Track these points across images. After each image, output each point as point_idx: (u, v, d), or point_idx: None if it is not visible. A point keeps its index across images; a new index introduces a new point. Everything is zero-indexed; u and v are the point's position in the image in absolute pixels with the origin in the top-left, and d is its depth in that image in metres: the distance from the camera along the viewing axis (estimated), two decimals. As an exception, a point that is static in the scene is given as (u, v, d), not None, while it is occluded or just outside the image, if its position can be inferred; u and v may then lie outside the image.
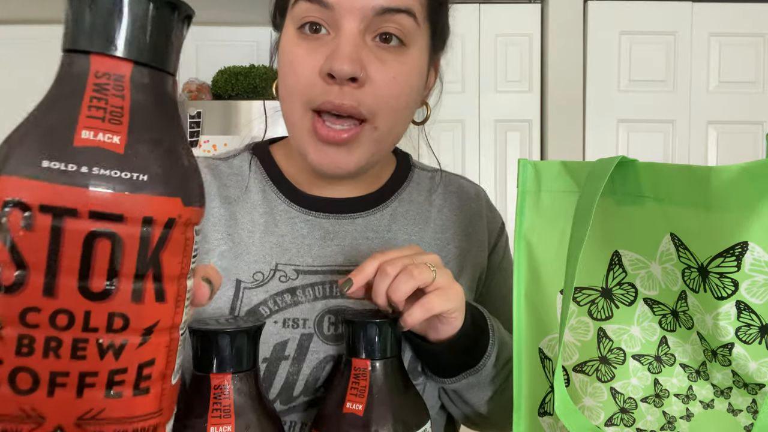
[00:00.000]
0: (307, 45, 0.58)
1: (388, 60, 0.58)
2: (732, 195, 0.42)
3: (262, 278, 0.63)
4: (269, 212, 0.66)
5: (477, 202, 0.74)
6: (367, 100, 0.57)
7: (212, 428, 0.47)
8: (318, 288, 0.64)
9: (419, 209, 0.71)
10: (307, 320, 0.62)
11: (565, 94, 2.42)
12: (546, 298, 0.54)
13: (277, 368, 0.61)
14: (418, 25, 0.59)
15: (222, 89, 2.70)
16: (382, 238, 0.67)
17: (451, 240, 0.70)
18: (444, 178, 0.76)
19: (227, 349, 0.49)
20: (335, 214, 0.67)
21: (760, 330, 0.43)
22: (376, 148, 0.61)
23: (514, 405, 0.55)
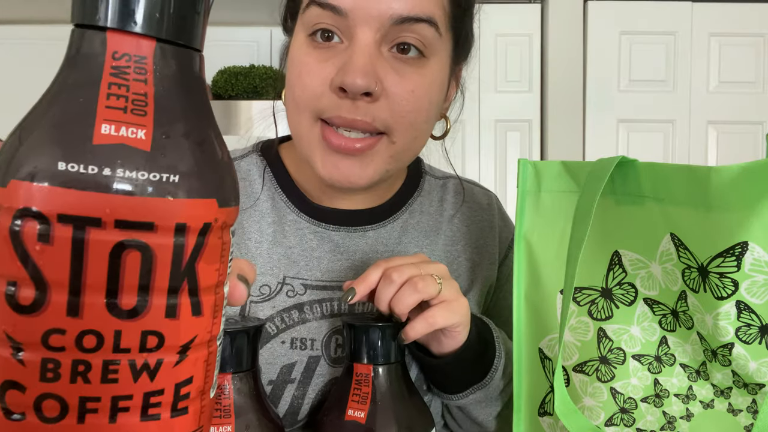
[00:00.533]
0: (318, 54, 0.54)
1: (406, 72, 0.53)
2: (732, 195, 0.42)
3: (269, 291, 0.61)
4: (278, 222, 0.63)
5: (489, 212, 0.71)
6: (382, 114, 0.53)
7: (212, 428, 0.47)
8: (326, 305, 0.61)
9: (430, 220, 0.68)
10: (314, 341, 0.60)
11: (565, 94, 2.42)
12: (546, 298, 0.54)
13: (282, 391, 0.60)
14: (440, 35, 0.55)
15: (222, 89, 2.70)
16: (392, 251, 0.65)
17: (462, 252, 0.68)
18: (455, 186, 0.72)
19: (227, 349, 0.49)
20: (346, 227, 0.64)
21: (760, 330, 0.43)
22: (393, 164, 0.57)
23: (514, 405, 0.55)
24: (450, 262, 0.67)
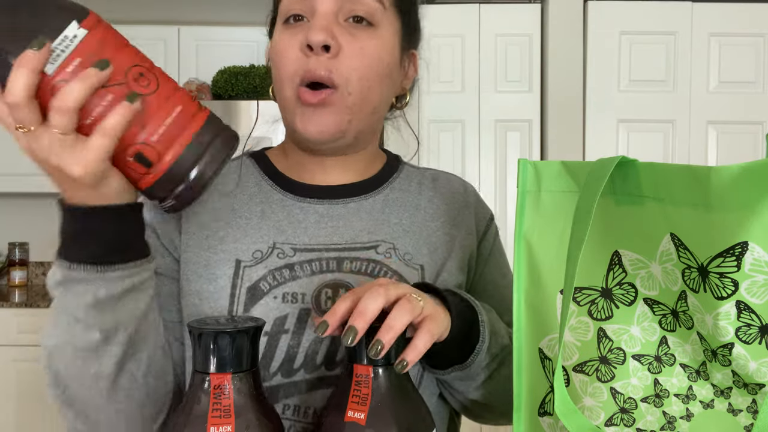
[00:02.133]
0: (291, 31, 0.66)
1: (358, 34, 0.65)
2: (732, 195, 0.41)
3: (261, 256, 0.67)
4: (265, 202, 0.70)
5: (465, 195, 0.78)
6: (339, 67, 0.64)
7: (212, 428, 0.47)
8: (315, 264, 0.67)
9: (410, 197, 0.75)
10: (305, 294, 0.65)
11: (565, 94, 2.42)
12: (546, 298, 0.54)
13: (277, 342, 0.64)
14: (385, 8, 0.67)
15: (222, 89, 2.70)
16: (375, 219, 0.71)
17: (441, 227, 0.73)
18: (433, 173, 0.80)
19: (227, 350, 0.49)
20: (329, 200, 0.71)
21: (760, 330, 0.43)
22: (353, 114, 0.66)
23: (514, 405, 0.55)
24: (429, 235, 0.72)
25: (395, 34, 0.70)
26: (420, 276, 0.69)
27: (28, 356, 2.72)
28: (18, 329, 2.73)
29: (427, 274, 0.69)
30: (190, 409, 0.49)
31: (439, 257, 0.71)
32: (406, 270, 0.68)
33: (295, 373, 0.64)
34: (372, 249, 0.69)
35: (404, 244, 0.70)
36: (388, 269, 0.68)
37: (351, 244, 0.68)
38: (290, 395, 0.64)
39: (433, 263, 0.70)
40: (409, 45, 0.74)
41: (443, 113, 2.46)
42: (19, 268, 3.21)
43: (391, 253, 0.69)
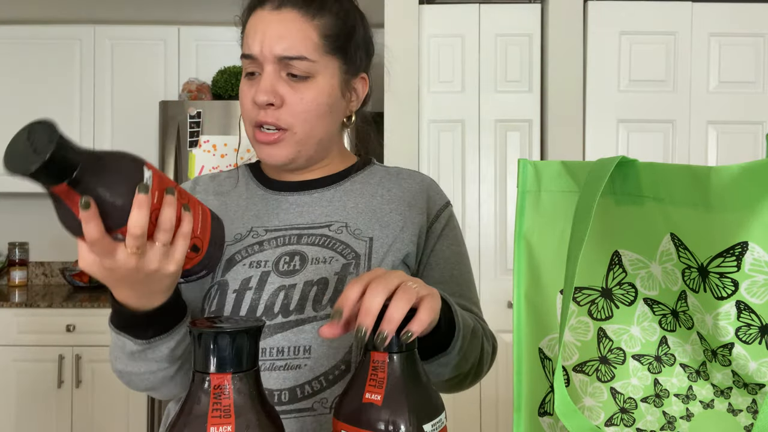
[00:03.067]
0: (248, 83, 0.84)
1: (297, 86, 0.81)
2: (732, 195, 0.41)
3: (240, 237, 0.86)
4: (250, 197, 0.91)
5: (421, 185, 0.92)
6: (283, 116, 0.81)
7: (212, 428, 0.47)
8: (280, 239, 0.85)
9: (369, 187, 0.90)
10: (267, 261, 0.83)
11: (565, 94, 2.42)
12: (546, 298, 0.54)
13: (243, 296, 0.81)
14: (316, 62, 0.81)
15: (222, 89, 2.70)
16: (333, 205, 0.87)
17: (395, 209, 0.88)
18: (398, 170, 0.95)
19: (227, 350, 0.49)
20: (298, 192, 0.89)
21: (760, 330, 0.43)
22: (300, 147, 0.84)
23: (514, 405, 0.55)
24: (383, 215, 0.87)
25: (333, 77, 0.84)
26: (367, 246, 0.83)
27: (28, 356, 2.72)
28: (18, 329, 2.73)
29: (377, 244, 0.84)
30: (190, 409, 0.49)
31: (391, 231, 0.86)
32: (354, 242, 0.84)
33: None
34: (326, 227, 0.85)
35: (356, 222, 0.86)
36: (337, 241, 0.84)
37: (310, 224, 0.86)
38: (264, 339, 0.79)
39: (383, 236, 0.85)
40: (353, 75, 0.88)
41: (443, 113, 2.46)
42: (19, 268, 3.21)
43: (342, 229, 0.85)
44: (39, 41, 3.01)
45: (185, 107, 2.61)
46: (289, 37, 0.80)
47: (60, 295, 2.89)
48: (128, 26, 3.03)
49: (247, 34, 0.85)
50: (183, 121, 2.59)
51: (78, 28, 3.02)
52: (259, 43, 0.81)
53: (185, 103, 2.62)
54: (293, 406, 0.76)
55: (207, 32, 2.99)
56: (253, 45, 0.82)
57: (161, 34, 3.02)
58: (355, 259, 0.82)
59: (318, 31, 0.82)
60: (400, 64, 2.42)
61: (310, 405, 0.76)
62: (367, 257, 0.83)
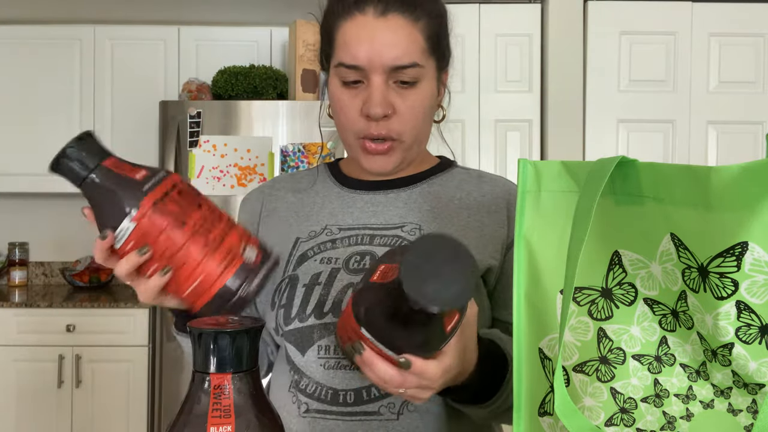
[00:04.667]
0: (350, 93, 0.80)
1: (406, 95, 0.79)
2: (732, 195, 0.41)
3: (315, 234, 0.86)
4: (326, 194, 0.90)
5: (503, 188, 0.89)
6: (395, 126, 0.79)
7: (212, 428, 0.47)
8: (353, 238, 0.84)
9: (447, 190, 0.88)
10: (338, 259, 0.82)
11: (565, 94, 2.42)
12: (546, 298, 0.54)
13: (312, 291, 0.81)
14: (424, 67, 0.80)
15: (222, 89, 2.70)
16: (409, 206, 0.85)
17: (473, 215, 0.85)
18: (480, 173, 0.92)
19: (227, 349, 0.49)
20: (374, 191, 0.88)
21: (760, 330, 0.43)
22: (408, 152, 0.83)
23: (514, 405, 0.55)
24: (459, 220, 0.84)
25: (434, 78, 0.83)
26: None
27: (28, 356, 2.72)
28: (18, 329, 2.73)
29: None
30: (190, 409, 0.49)
31: (467, 236, 0.82)
32: None
33: (325, 315, 0.79)
34: (399, 228, 0.83)
35: (431, 225, 0.83)
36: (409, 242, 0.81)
37: (384, 225, 0.84)
38: (322, 337, 0.79)
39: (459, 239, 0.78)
40: (442, 72, 0.87)
41: (443, 113, 2.46)
42: (19, 268, 3.21)
43: (416, 231, 0.83)
44: (39, 41, 3.00)
45: (185, 107, 2.61)
46: (400, 45, 0.77)
47: (60, 295, 2.89)
48: (128, 26, 3.03)
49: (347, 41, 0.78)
50: (183, 121, 2.59)
51: (78, 28, 3.01)
52: (366, 53, 0.76)
53: (185, 103, 2.62)
54: (358, 409, 0.75)
55: (207, 32, 2.99)
56: (358, 54, 0.77)
57: (161, 34, 3.01)
58: None
59: (423, 34, 0.80)
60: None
61: (376, 408, 0.75)
62: None
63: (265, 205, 0.92)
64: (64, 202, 3.29)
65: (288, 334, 0.81)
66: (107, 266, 0.64)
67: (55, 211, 3.31)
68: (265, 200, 0.92)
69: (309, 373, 0.79)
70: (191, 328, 0.50)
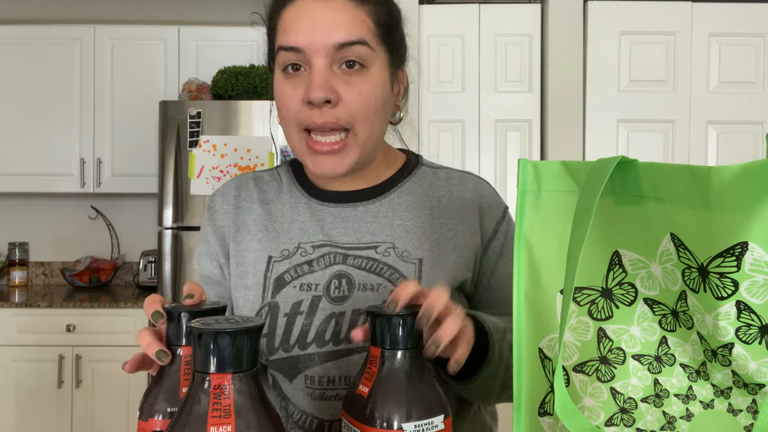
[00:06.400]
0: (291, 82, 0.75)
1: (353, 81, 0.74)
2: (732, 195, 0.41)
3: (288, 254, 0.82)
4: (294, 206, 0.85)
5: (473, 192, 0.85)
6: (342, 114, 0.73)
7: (212, 428, 0.47)
8: (327, 257, 0.81)
9: (416, 199, 0.84)
10: (318, 285, 0.80)
11: (565, 94, 2.42)
12: (546, 298, 0.54)
13: (294, 320, 0.79)
14: (373, 50, 0.75)
15: (222, 89, 2.70)
16: (379, 222, 0.82)
17: (445, 224, 0.82)
18: (448, 173, 0.87)
19: (227, 349, 0.49)
20: (342, 204, 0.83)
21: (760, 330, 0.44)
22: (362, 151, 0.77)
23: (514, 405, 0.55)
24: (433, 231, 0.82)
25: (385, 68, 0.78)
26: (417, 269, 0.79)
27: (28, 356, 2.72)
28: (18, 329, 2.73)
29: (426, 266, 0.79)
30: (190, 409, 0.49)
31: (441, 251, 0.80)
32: (402, 265, 0.79)
33: (308, 346, 0.78)
34: (372, 249, 0.80)
35: (404, 242, 0.80)
36: (384, 265, 0.79)
37: (356, 244, 0.81)
38: (307, 367, 0.78)
39: (434, 256, 0.80)
40: (397, 68, 0.82)
41: (443, 113, 2.46)
42: (19, 268, 3.21)
43: (390, 251, 0.80)
44: (39, 41, 3.01)
45: (185, 107, 2.61)
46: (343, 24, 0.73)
47: (60, 295, 2.89)
48: (128, 26, 3.03)
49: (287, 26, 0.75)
50: (183, 121, 2.59)
51: (78, 28, 3.02)
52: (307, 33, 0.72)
53: (185, 103, 2.62)
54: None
55: (207, 32, 2.99)
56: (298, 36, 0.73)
57: (161, 34, 3.01)
58: None
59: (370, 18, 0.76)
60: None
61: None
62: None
63: (234, 219, 0.87)
64: (64, 202, 3.29)
65: (273, 363, 0.81)
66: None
67: (55, 211, 3.31)
68: (233, 213, 0.87)
69: (295, 401, 0.79)
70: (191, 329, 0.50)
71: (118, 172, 3.02)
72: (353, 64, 0.74)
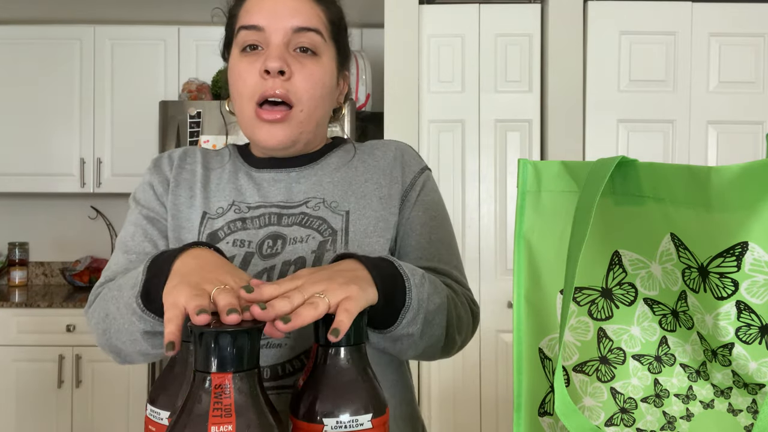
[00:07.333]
0: (249, 59, 0.82)
1: (305, 62, 0.82)
2: (732, 195, 0.41)
3: (222, 211, 0.87)
4: (234, 172, 0.91)
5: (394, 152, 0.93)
6: (293, 89, 0.80)
7: (213, 427, 0.48)
8: (262, 218, 0.86)
9: (343, 163, 0.91)
10: (251, 242, 0.83)
11: (565, 94, 2.42)
12: (546, 298, 0.54)
13: None
14: (325, 41, 0.84)
15: (222, 89, 2.70)
16: (311, 181, 0.88)
17: (369, 179, 0.89)
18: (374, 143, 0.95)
19: (228, 349, 0.49)
20: (277, 169, 0.90)
21: (760, 330, 0.44)
22: (303, 127, 0.84)
23: (514, 405, 0.55)
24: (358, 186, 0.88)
25: (333, 60, 0.86)
26: (344, 219, 0.85)
27: (28, 356, 2.72)
28: (18, 329, 2.73)
29: (354, 217, 0.85)
30: (191, 408, 0.49)
31: (367, 201, 0.87)
32: (331, 216, 0.85)
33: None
34: (303, 204, 0.86)
35: (332, 195, 0.87)
36: (315, 218, 0.85)
37: (289, 203, 0.87)
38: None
39: (360, 207, 0.86)
40: (342, 68, 0.91)
41: (443, 113, 2.46)
42: (19, 268, 3.21)
43: (319, 205, 0.86)
44: (39, 41, 3.01)
45: (185, 107, 2.61)
46: (304, 12, 0.82)
47: (60, 295, 2.89)
48: (128, 26, 3.03)
49: (249, 7, 0.83)
50: (183, 121, 2.59)
51: (78, 28, 3.02)
52: (268, 15, 0.81)
53: (185, 103, 2.62)
54: (275, 383, 0.78)
55: (207, 32, 2.99)
56: (260, 16, 0.81)
57: (161, 34, 3.01)
58: (331, 235, 0.83)
59: (325, 14, 0.85)
60: (400, 64, 2.42)
61: (291, 383, 0.77)
62: (344, 231, 0.84)
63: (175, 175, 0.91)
64: (64, 202, 3.29)
65: None
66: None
67: (55, 211, 3.31)
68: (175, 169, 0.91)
69: None
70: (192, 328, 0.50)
71: (118, 172, 3.02)
72: (306, 50, 0.82)
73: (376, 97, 2.74)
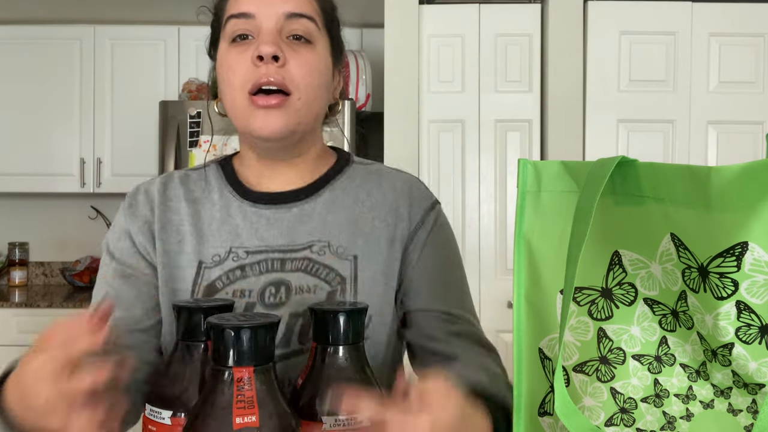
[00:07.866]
0: (239, 49, 0.76)
1: (299, 49, 0.76)
2: (732, 195, 0.41)
3: (219, 259, 0.80)
4: (225, 208, 0.82)
5: (403, 186, 0.86)
6: (288, 75, 0.74)
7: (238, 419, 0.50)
8: (262, 264, 0.79)
9: (349, 195, 0.84)
10: (252, 291, 0.78)
11: (565, 94, 2.42)
12: (546, 298, 0.54)
13: None
14: (319, 29, 0.78)
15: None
16: (314, 221, 0.82)
17: (378, 216, 0.83)
18: (379, 168, 0.89)
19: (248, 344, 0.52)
20: (276, 205, 0.82)
21: (760, 330, 0.44)
22: (300, 117, 0.76)
23: (514, 405, 0.56)
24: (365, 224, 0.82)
25: (327, 50, 0.81)
26: (352, 266, 0.79)
27: (28, 356, 2.72)
28: (18, 329, 2.73)
29: (362, 263, 0.80)
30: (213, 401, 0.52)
31: (375, 245, 0.81)
32: (338, 263, 0.79)
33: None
34: (307, 249, 0.80)
35: (339, 239, 0.80)
36: (320, 265, 0.79)
37: (292, 246, 0.80)
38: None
39: (368, 251, 0.80)
40: (337, 61, 0.84)
41: (443, 113, 2.46)
42: (19, 268, 3.21)
43: (325, 250, 0.80)
44: (39, 41, 3.00)
45: (185, 107, 2.61)
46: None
47: (60, 295, 2.89)
48: (128, 26, 3.03)
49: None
50: (183, 121, 2.59)
51: (78, 28, 3.01)
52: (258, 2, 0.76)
53: (185, 103, 2.62)
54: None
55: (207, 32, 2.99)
56: (249, 3, 0.76)
57: (161, 34, 3.01)
58: (340, 284, 0.78)
59: (317, 2, 0.80)
60: (400, 64, 2.42)
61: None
62: (352, 279, 0.78)
63: (159, 216, 0.82)
64: (64, 202, 3.29)
65: None
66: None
67: (55, 211, 3.31)
68: (158, 208, 0.82)
69: None
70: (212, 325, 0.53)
71: (118, 172, 3.02)
72: (300, 38, 0.77)
73: (376, 97, 2.74)
